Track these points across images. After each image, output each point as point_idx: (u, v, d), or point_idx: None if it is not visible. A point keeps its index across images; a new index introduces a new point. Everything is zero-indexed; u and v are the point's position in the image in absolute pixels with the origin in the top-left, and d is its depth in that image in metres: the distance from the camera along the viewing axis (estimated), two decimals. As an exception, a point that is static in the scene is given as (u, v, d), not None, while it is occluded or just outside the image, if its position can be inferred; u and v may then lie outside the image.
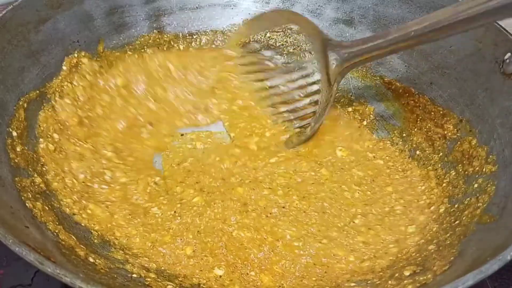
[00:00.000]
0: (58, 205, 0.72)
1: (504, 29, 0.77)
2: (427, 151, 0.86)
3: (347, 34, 0.99)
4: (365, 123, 0.97)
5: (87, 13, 0.87)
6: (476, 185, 0.71)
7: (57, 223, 0.67)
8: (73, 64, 0.86)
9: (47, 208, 0.68)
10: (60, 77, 0.83)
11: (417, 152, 0.88)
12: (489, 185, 0.69)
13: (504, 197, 0.65)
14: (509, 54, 0.73)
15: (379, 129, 0.96)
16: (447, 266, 0.60)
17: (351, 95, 1.00)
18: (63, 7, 0.83)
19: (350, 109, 0.99)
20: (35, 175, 0.71)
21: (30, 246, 0.50)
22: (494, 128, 0.74)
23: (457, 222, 0.69)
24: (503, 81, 0.74)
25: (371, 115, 0.96)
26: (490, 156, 0.72)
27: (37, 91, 0.78)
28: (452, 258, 0.61)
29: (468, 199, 0.71)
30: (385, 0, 0.92)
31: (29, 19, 0.78)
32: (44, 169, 0.75)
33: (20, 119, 0.73)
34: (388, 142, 0.93)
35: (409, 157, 0.89)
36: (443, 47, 0.85)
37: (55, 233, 0.64)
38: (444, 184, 0.79)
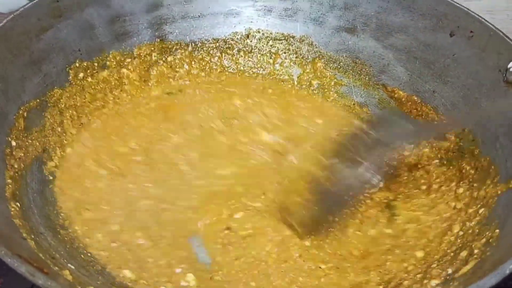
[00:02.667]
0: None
1: (508, 37, 0.76)
2: (429, 161, 0.85)
3: (349, 42, 0.98)
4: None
5: (88, 22, 0.87)
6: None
7: (55, 233, 0.67)
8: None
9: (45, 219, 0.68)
10: None
11: (420, 162, 0.87)
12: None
13: (505, 210, 0.64)
14: (512, 63, 0.72)
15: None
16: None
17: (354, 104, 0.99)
18: (64, 16, 0.83)
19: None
20: (34, 185, 0.71)
21: (23, 257, 0.50)
22: (496, 138, 0.73)
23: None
24: (506, 90, 0.73)
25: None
26: (492, 167, 0.71)
27: (38, 100, 0.78)
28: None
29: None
30: (388, 8, 0.91)
31: (30, 28, 0.78)
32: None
33: (20, 128, 0.73)
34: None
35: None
36: (446, 55, 0.84)
37: (52, 244, 0.64)
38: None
